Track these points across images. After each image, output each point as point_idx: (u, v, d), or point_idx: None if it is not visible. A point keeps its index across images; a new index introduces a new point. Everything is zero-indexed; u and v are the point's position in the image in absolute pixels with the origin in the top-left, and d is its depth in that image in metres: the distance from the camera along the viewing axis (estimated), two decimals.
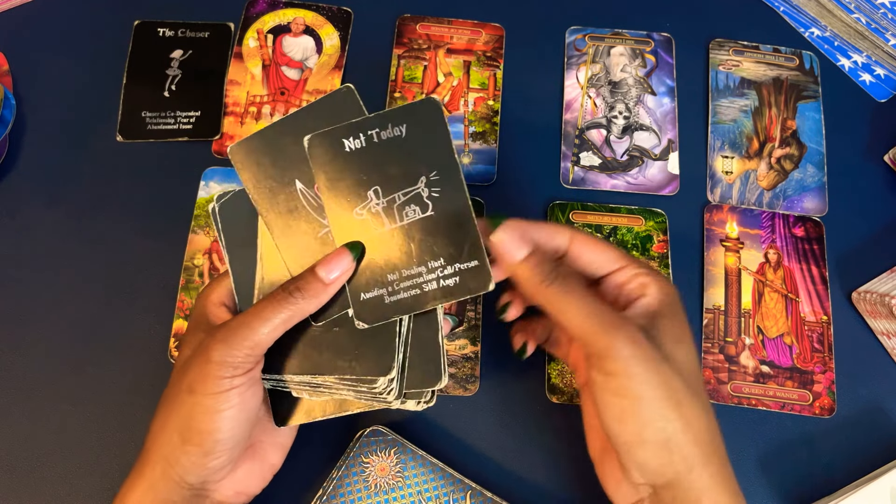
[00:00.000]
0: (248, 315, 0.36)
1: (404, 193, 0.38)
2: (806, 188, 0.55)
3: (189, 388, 0.35)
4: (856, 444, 0.49)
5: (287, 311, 0.36)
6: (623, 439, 0.35)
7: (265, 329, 0.35)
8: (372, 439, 0.45)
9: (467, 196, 0.37)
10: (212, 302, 0.39)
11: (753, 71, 0.59)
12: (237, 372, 0.35)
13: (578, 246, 0.39)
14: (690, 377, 0.35)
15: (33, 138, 0.55)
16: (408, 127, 0.38)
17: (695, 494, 0.34)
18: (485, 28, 0.59)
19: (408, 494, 0.43)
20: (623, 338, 0.34)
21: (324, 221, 0.38)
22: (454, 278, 0.37)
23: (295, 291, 0.36)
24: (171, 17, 0.59)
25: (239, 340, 0.35)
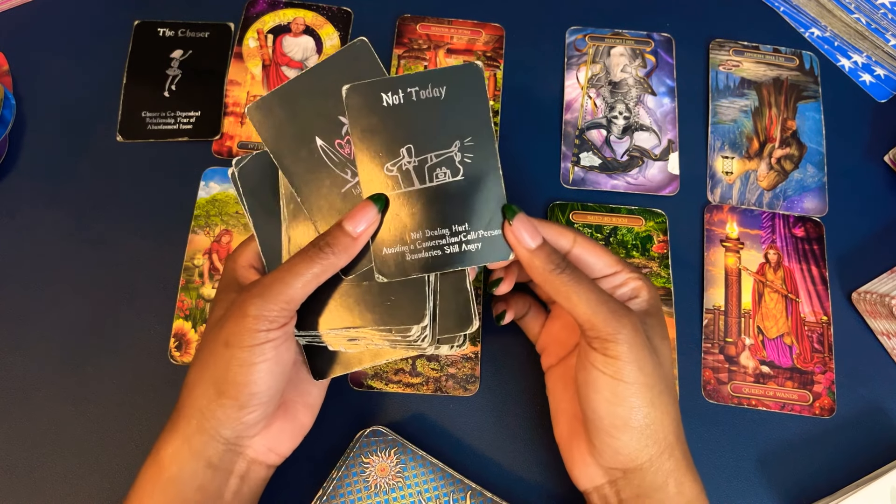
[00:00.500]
0: (281, 271, 0.37)
1: (437, 155, 0.39)
2: (806, 188, 0.55)
3: (225, 342, 0.36)
4: (856, 444, 0.49)
5: (318, 266, 0.37)
6: (609, 422, 0.37)
7: (298, 283, 0.36)
8: (372, 439, 0.45)
9: (499, 166, 0.39)
10: (240, 265, 0.41)
11: (753, 71, 0.59)
12: (273, 325, 0.36)
13: (580, 248, 0.41)
14: (667, 371, 0.39)
15: (33, 138, 0.55)
16: (448, 89, 0.39)
17: (662, 477, 0.37)
18: (485, 28, 0.59)
19: (408, 495, 0.43)
20: (629, 325, 0.37)
21: (346, 177, 0.39)
22: (476, 244, 0.39)
23: (325, 247, 0.37)
24: (171, 17, 0.59)
25: (274, 295, 0.36)
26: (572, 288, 0.37)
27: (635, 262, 0.52)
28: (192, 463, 0.37)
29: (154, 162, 0.55)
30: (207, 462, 0.37)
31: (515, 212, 0.39)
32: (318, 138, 0.39)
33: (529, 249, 0.38)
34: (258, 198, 0.41)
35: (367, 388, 0.49)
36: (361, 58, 0.39)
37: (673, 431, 0.38)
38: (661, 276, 0.52)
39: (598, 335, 0.37)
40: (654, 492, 0.37)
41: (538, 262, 0.38)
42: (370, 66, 0.39)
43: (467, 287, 0.39)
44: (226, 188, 0.54)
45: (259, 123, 0.40)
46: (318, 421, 0.48)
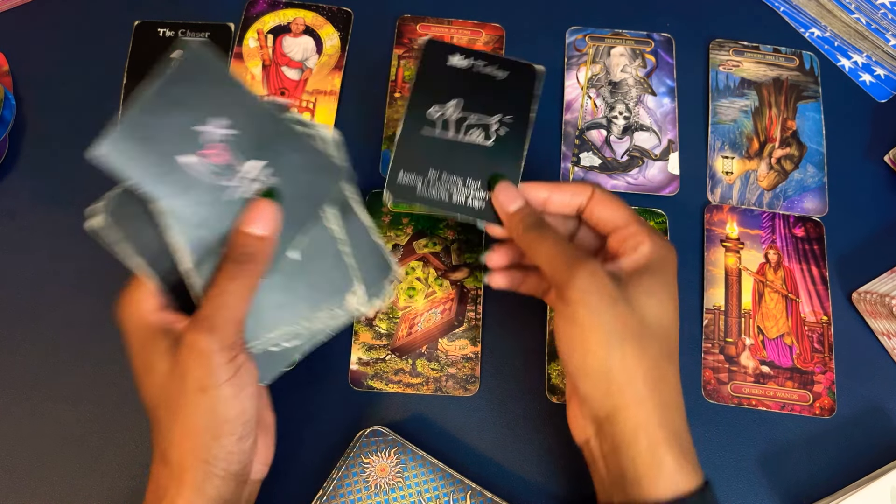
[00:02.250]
0: (213, 297, 0.35)
1: (478, 118, 0.44)
2: (806, 188, 0.55)
3: (199, 388, 0.35)
4: (856, 444, 0.49)
5: (246, 278, 0.36)
6: (569, 368, 0.38)
7: (235, 303, 0.36)
8: (372, 440, 0.45)
9: (525, 148, 0.44)
10: (149, 311, 0.37)
11: (753, 71, 0.59)
12: (235, 352, 0.35)
13: (595, 203, 0.42)
14: (655, 326, 0.38)
15: (33, 138, 0.55)
16: (509, 75, 0.44)
17: (631, 429, 0.36)
18: (485, 28, 0.59)
19: (408, 495, 0.43)
20: (584, 271, 0.37)
21: (225, 183, 0.37)
22: (481, 202, 0.43)
23: (242, 257, 0.36)
24: (172, 17, 0.59)
25: (223, 324, 0.35)
26: (537, 240, 0.39)
27: None
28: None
29: None
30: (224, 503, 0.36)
31: (499, 179, 0.42)
32: (182, 157, 0.36)
33: (507, 212, 0.41)
34: (137, 238, 0.37)
35: (366, 388, 0.49)
36: (207, 64, 0.36)
37: (646, 383, 0.36)
38: None
39: (557, 283, 0.38)
40: (626, 446, 0.36)
41: (513, 222, 0.41)
42: (219, 69, 0.37)
43: (375, 240, 0.42)
44: None
45: (112, 161, 0.35)
46: (318, 421, 0.48)
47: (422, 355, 0.50)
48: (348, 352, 0.50)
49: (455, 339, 0.50)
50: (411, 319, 0.51)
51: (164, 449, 0.36)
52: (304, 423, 0.48)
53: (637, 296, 0.37)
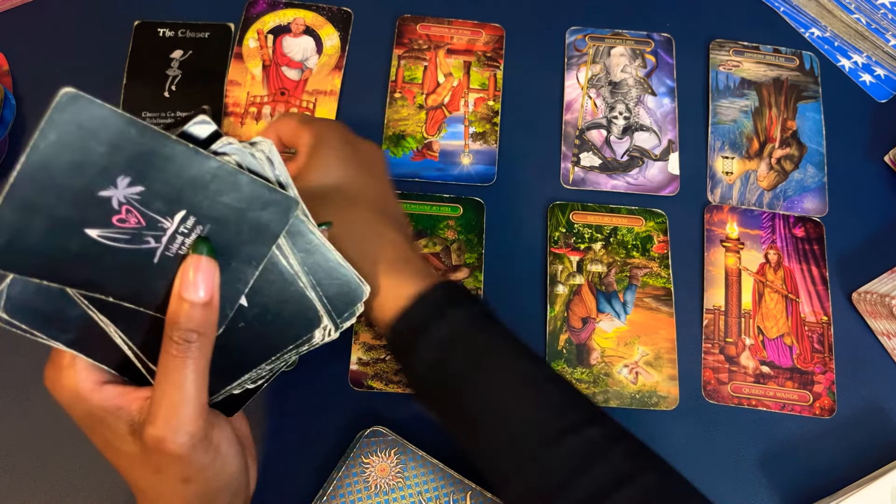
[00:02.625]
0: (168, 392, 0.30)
1: None
2: (806, 188, 0.55)
3: (183, 480, 0.32)
4: (856, 444, 0.49)
5: (197, 358, 0.30)
6: None
7: (194, 389, 0.30)
8: (372, 440, 0.45)
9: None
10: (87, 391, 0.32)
11: (753, 71, 0.59)
12: (209, 439, 0.32)
13: (277, 130, 0.45)
14: (329, 189, 0.41)
15: None
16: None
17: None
18: (485, 28, 0.59)
19: (408, 495, 0.43)
20: None
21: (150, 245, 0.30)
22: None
23: (188, 334, 0.30)
24: (171, 17, 0.59)
25: (185, 420, 0.30)
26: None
27: (635, 261, 0.52)
28: None
29: None
30: None
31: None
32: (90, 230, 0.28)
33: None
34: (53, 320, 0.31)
35: (367, 388, 0.49)
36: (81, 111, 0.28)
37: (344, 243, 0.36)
38: (661, 276, 0.52)
39: None
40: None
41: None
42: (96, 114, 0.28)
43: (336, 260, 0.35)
44: None
45: (9, 267, 0.28)
46: (318, 421, 0.48)
47: None
48: (348, 352, 0.50)
49: None
50: None
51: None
52: (304, 423, 0.48)
53: (308, 176, 0.41)
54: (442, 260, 0.52)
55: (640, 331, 0.51)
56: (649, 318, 0.51)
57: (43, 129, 0.27)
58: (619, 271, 0.52)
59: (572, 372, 0.49)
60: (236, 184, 0.30)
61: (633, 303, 0.51)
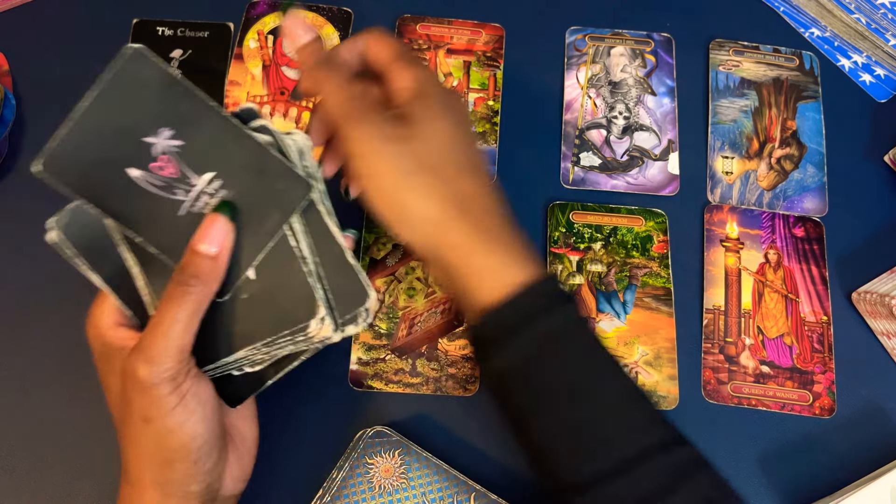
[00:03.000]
0: (155, 323, 0.33)
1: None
2: (806, 188, 0.55)
3: (144, 418, 0.34)
4: (856, 444, 0.49)
5: (191, 303, 0.33)
6: (385, 223, 0.37)
7: (179, 329, 0.33)
8: (376, 440, 0.45)
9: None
10: (106, 327, 0.36)
11: (753, 71, 0.59)
12: (178, 382, 0.34)
13: (371, 46, 0.40)
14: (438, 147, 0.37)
15: (33, 138, 0.55)
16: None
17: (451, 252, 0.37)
18: (485, 28, 0.59)
19: (412, 496, 0.43)
20: (353, 123, 0.36)
21: (178, 197, 0.35)
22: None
23: (190, 279, 0.33)
24: (170, 16, 0.59)
25: (161, 353, 0.33)
26: (322, 80, 0.38)
27: (635, 261, 0.52)
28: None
29: None
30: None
31: (289, 5, 0.40)
32: (131, 169, 0.34)
33: (298, 44, 0.39)
34: (95, 252, 0.36)
35: (366, 388, 0.49)
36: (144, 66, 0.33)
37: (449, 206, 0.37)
38: (661, 276, 0.52)
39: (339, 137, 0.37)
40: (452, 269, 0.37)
41: (303, 56, 0.39)
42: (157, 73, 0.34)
43: (348, 259, 0.37)
44: None
45: (56, 179, 0.33)
46: (318, 421, 0.48)
47: (422, 355, 0.50)
48: (348, 352, 0.50)
49: (455, 339, 0.50)
50: (411, 319, 0.51)
51: (125, 466, 0.36)
52: (304, 423, 0.48)
53: (415, 125, 0.37)
54: None
55: (639, 330, 0.51)
56: (649, 318, 0.51)
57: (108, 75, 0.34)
58: (618, 271, 0.52)
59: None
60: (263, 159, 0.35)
61: (632, 303, 0.51)
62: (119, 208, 0.34)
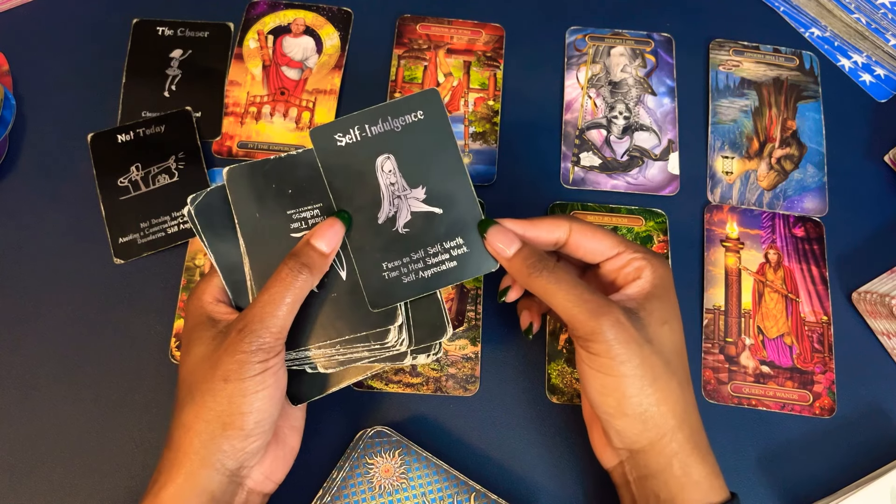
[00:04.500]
0: (263, 301, 0.37)
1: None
2: (806, 188, 0.55)
3: (224, 377, 0.36)
4: (856, 444, 0.49)
5: (297, 288, 0.38)
6: (603, 410, 0.39)
7: (283, 309, 0.37)
8: (376, 440, 0.45)
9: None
10: (207, 301, 0.41)
11: (753, 71, 0.59)
12: (269, 355, 0.37)
13: (577, 236, 0.41)
14: (671, 355, 0.39)
15: (33, 138, 0.55)
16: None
17: (666, 458, 0.38)
18: (485, 28, 0.59)
19: (412, 496, 0.43)
20: (608, 322, 0.37)
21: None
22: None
23: (300, 267, 0.38)
24: (170, 16, 0.59)
25: (266, 326, 0.37)
26: (551, 288, 0.38)
27: None
28: (196, 499, 0.37)
29: None
30: (211, 496, 0.37)
31: (489, 224, 0.40)
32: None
33: (507, 258, 0.40)
34: (217, 231, 0.41)
35: (367, 388, 0.49)
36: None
37: (676, 415, 0.38)
38: None
39: (580, 334, 0.38)
40: (659, 473, 0.38)
41: (516, 266, 0.40)
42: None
43: (437, 296, 0.41)
44: None
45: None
46: (318, 421, 0.48)
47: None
48: None
49: (455, 339, 0.50)
50: None
51: (172, 432, 0.38)
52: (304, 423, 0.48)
53: (653, 329, 0.38)
54: None
55: None
56: None
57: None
58: None
59: (572, 372, 0.49)
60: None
61: None
62: (257, 236, 0.41)
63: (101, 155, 0.54)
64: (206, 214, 0.41)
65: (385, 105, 0.41)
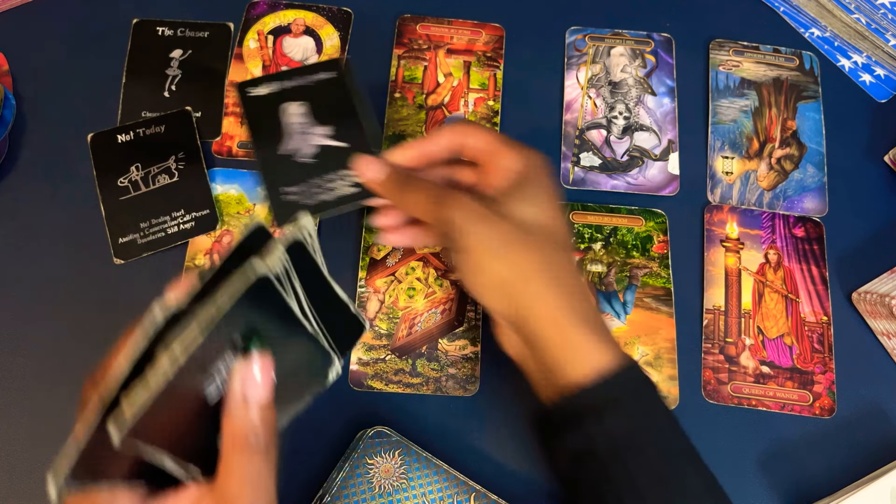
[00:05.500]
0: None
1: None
2: (806, 188, 0.55)
3: None
4: (856, 444, 0.49)
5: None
6: (471, 290, 0.40)
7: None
8: (376, 440, 0.45)
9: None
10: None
11: (753, 71, 0.59)
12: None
13: (467, 137, 0.43)
14: (533, 227, 0.39)
15: (33, 138, 0.55)
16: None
17: (540, 323, 0.38)
18: (485, 28, 0.59)
19: (412, 497, 0.43)
20: (454, 205, 0.39)
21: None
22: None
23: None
24: (170, 16, 0.59)
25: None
26: (407, 196, 0.42)
27: (635, 261, 0.52)
28: None
29: None
30: None
31: (356, 155, 0.44)
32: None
33: (376, 182, 0.43)
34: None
35: (366, 388, 0.49)
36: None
37: (542, 278, 0.38)
38: (661, 276, 0.52)
39: (436, 225, 0.41)
40: (541, 341, 0.38)
41: (385, 189, 0.43)
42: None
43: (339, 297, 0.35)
44: (227, 188, 0.54)
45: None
46: (318, 421, 0.48)
47: (422, 355, 0.50)
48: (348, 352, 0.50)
49: (455, 339, 0.50)
50: (411, 319, 0.51)
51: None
52: (303, 422, 0.48)
53: (511, 206, 0.40)
54: (442, 260, 0.52)
55: (639, 331, 0.51)
56: (649, 318, 0.51)
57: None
58: (618, 271, 0.52)
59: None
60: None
61: (632, 303, 0.51)
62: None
63: (101, 155, 0.54)
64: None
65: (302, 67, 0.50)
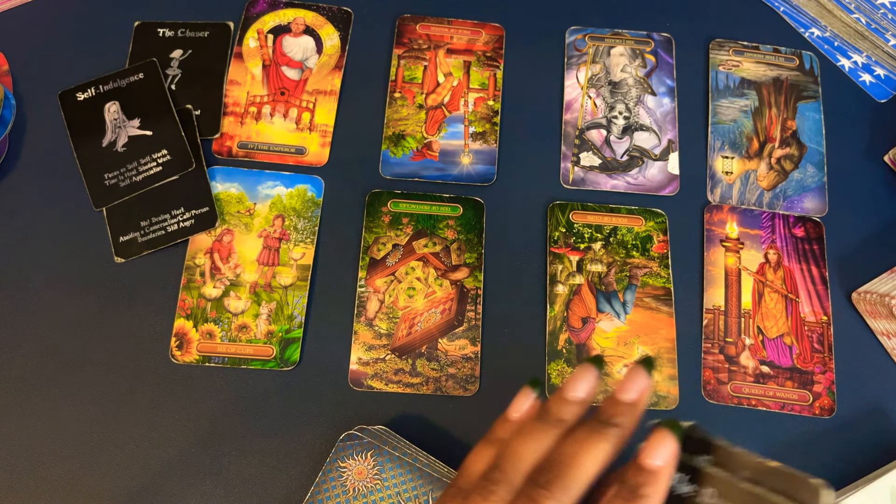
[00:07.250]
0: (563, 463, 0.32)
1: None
2: (806, 188, 0.55)
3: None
4: (856, 444, 0.49)
5: (606, 444, 0.32)
6: None
7: (588, 470, 0.31)
8: (348, 443, 0.44)
9: None
10: None
11: (753, 71, 0.59)
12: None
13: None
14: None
15: (33, 138, 0.55)
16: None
17: None
18: (485, 28, 0.59)
19: (387, 496, 0.43)
20: None
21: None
22: (189, 221, 0.51)
23: (608, 424, 0.33)
24: (171, 17, 0.59)
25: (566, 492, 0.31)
26: None
27: (635, 261, 0.52)
28: None
29: None
30: None
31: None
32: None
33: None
34: None
35: (366, 388, 0.49)
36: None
37: None
38: (661, 276, 0.52)
39: None
40: None
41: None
42: None
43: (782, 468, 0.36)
44: (227, 187, 0.54)
45: None
46: (318, 421, 0.48)
47: (422, 355, 0.50)
48: (348, 352, 0.50)
49: (455, 339, 0.50)
50: (411, 319, 0.51)
51: None
52: (303, 422, 0.48)
53: None
54: (442, 260, 0.52)
55: (639, 330, 0.51)
56: (649, 318, 0.51)
57: None
58: (618, 271, 0.52)
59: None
60: None
61: (632, 302, 0.51)
62: None
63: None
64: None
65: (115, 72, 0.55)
